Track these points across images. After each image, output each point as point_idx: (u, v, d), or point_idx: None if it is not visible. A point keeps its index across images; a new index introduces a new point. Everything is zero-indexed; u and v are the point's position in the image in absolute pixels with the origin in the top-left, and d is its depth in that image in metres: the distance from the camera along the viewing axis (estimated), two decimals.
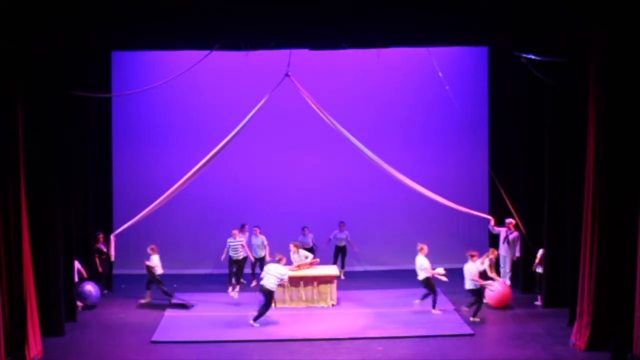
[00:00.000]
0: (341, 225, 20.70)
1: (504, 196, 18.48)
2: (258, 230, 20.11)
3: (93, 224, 18.85)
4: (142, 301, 18.39)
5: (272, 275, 16.52)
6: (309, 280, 17.88)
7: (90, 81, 17.86)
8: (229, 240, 19.29)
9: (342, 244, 20.72)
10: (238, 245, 19.30)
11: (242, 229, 19.91)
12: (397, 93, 21.48)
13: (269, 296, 16.46)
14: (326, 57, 19.27)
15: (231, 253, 19.32)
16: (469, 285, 16.87)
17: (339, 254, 20.79)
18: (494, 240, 19.85)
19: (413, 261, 20.01)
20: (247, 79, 20.48)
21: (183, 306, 17.75)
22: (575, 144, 15.64)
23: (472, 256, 17.03)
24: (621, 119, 13.99)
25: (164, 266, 21.51)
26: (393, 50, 18.25)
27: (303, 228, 20.52)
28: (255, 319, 16.32)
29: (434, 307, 17.07)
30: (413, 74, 21.18)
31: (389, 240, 21.11)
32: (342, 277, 19.94)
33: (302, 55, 17.67)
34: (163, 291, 18.14)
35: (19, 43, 14.04)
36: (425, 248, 17.44)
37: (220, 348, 15.06)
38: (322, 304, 17.77)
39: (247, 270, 20.04)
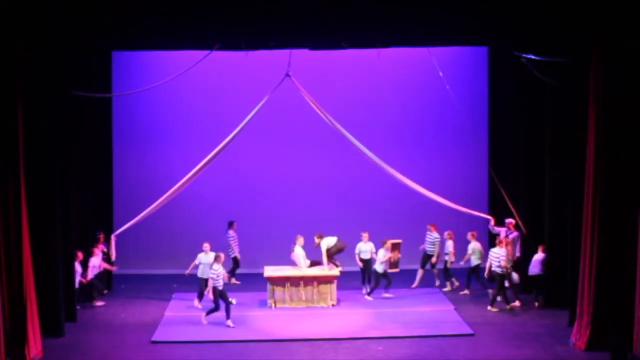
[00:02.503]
0: (364, 235, 18.67)
1: (504, 196, 18.47)
2: (208, 247, 17.78)
3: (93, 224, 18.83)
4: None
5: (494, 258, 17.39)
6: (309, 281, 17.86)
7: (90, 81, 17.85)
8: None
9: (368, 256, 18.59)
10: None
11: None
12: (397, 93, 21.46)
13: (499, 279, 17.39)
14: (326, 57, 19.27)
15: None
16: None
17: (364, 271, 18.75)
18: (493, 241, 19.81)
19: (413, 261, 20.07)
20: (247, 79, 20.48)
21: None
22: (575, 144, 15.64)
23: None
24: (621, 119, 13.99)
25: (164, 266, 21.60)
26: (393, 50, 18.24)
27: (362, 234, 18.75)
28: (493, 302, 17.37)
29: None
30: (413, 74, 21.16)
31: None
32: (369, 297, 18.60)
33: (302, 55, 17.67)
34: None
35: (19, 43, 14.04)
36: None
37: (220, 348, 15.06)
38: (322, 304, 17.75)
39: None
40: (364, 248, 18.64)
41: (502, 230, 19.11)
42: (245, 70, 20.26)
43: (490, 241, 20.14)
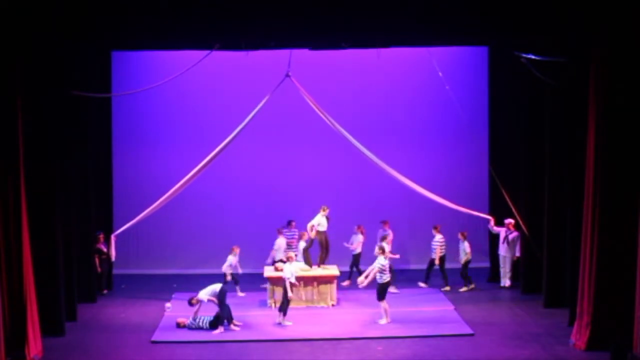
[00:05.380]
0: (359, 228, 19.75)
1: (506, 195, 18.46)
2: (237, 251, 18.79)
3: (93, 224, 18.85)
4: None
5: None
6: (309, 281, 17.86)
7: (90, 81, 17.85)
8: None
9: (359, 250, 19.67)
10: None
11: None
12: (397, 93, 21.47)
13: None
14: (326, 57, 19.27)
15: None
16: None
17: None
18: (493, 240, 19.86)
19: (413, 261, 20.12)
20: (247, 79, 20.48)
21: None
22: (575, 143, 15.63)
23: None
24: (621, 118, 13.97)
25: (164, 266, 21.57)
26: (393, 50, 18.25)
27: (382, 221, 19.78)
28: None
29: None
30: (413, 74, 21.18)
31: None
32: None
33: (302, 55, 17.67)
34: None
35: (19, 42, 14.04)
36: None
37: (220, 348, 15.06)
38: (322, 304, 17.75)
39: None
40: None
41: (502, 230, 19.14)
42: (245, 70, 20.26)
43: (491, 241, 20.18)
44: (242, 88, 20.48)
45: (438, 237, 19.27)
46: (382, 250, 16.67)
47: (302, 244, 18.79)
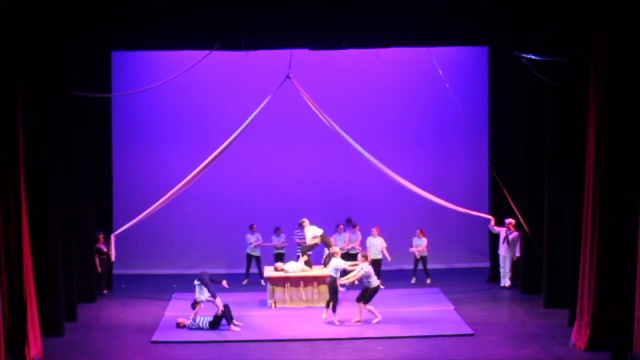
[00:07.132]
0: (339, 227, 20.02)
1: (507, 195, 18.44)
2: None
3: (93, 224, 18.85)
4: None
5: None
6: (309, 281, 17.87)
7: (90, 81, 17.85)
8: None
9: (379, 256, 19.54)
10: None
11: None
12: (397, 93, 21.47)
13: None
14: (326, 58, 19.27)
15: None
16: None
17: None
18: (494, 240, 19.86)
19: (412, 261, 20.11)
20: (247, 79, 20.49)
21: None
22: (575, 144, 15.63)
23: None
24: (621, 118, 13.96)
25: (164, 266, 21.56)
26: (393, 50, 18.25)
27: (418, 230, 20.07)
28: None
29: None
30: (413, 74, 21.18)
31: (388, 241, 21.03)
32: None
33: (302, 56, 17.67)
34: None
35: (19, 42, 14.04)
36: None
37: (220, 348, 15.06)
38: (322, 304, 17.73)
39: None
40: (374, 242, 19.43)
41: (502, 230, 19.14)
42: (246, 70, 20.27)
43: (491, 241, 20.17)
44: (242, 88, 20.49)
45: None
46: (365, 257, 16.83)
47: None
